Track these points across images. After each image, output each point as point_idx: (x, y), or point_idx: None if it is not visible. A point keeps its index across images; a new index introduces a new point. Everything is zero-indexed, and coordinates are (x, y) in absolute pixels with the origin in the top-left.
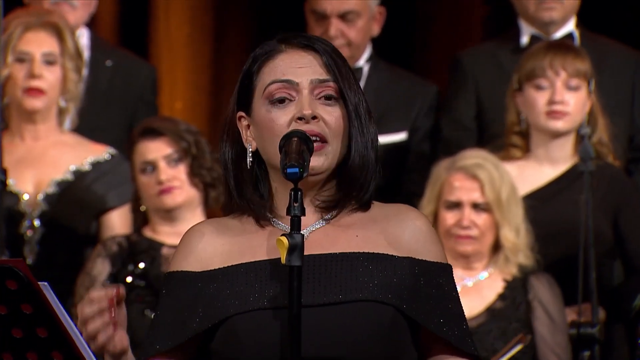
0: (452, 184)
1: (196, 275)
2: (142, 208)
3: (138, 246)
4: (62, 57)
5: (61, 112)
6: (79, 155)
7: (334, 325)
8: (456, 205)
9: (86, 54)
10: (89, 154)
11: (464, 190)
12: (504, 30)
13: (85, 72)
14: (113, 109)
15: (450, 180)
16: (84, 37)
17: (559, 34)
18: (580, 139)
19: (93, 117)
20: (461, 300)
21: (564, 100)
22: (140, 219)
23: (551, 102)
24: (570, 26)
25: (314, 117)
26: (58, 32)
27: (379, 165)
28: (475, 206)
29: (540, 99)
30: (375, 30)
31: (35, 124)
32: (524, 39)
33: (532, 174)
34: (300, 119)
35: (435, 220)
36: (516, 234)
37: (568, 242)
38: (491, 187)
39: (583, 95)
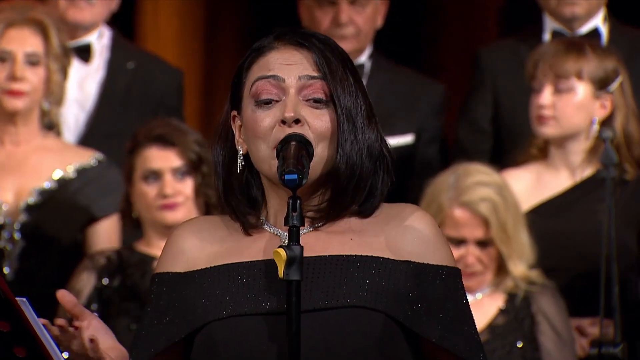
0: (455, 219)
1: (179, 277)
2: (135, 215)
3: (129, 260)
4: (47, 58)
5: (43, 115)
6: (63, 161)
7: (319, 333)
8: (459, 242)
9: (106, 54)
10: (73, 159)
11: (468, 227)
12: (522, 23)
13: (102, 73)
14: (131, 114)
15: (453, 215)
16: (104, 36)
17: (584, 29)
18: (602, 143)
19: (109, 122)
20: None
21: (549, 103)
22: (131, 226)
23: (538, 106)
24: (596, 21)
25: (298, 121)
26: (43, 29)
27: (386, 174)
28: (480, 243)
29: (533, 102)
30: (379, 21)
31: (16, 126)
32: (546, 36)
33: (550, 180)
34: (283, 122)
35: None
36: (526, 263)
37: (585, 256)
38: (497, 222)
39: (578, 98)
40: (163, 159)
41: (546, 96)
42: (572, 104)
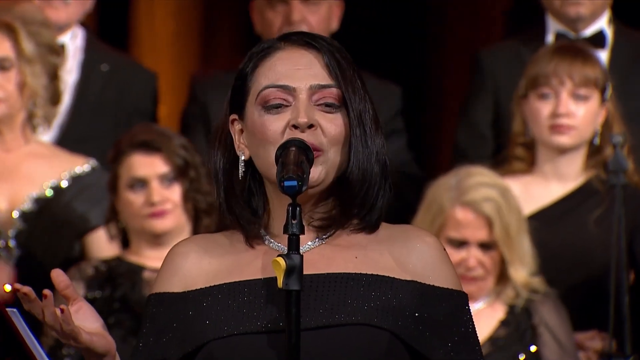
0: (457, 220)
1: (177, 297)
2: (120, 225)
3: (117, 270)
4: (19, 61)
5: (30, 117)
6: (56, 167)
7: (323, 350)
8: (461, 244)
9: (80, 56)
10: (66, 166)
11: (471, 228)
12: (529, 25)
13: (76, 76)
14: (105, 118)
15: (455, 216)
16: (78, 37)
17: (589, 31)
18: (597, 151)
19: (82, 126)
20: None
21: (569, 112)
22: (117, 237)
23: (555, 114)
24: (601, 23)
25: (311, 126)
26: (12, 32)
27: (389, 182)
28: (482, 245)
29: (544, 109)
30: (334, 24)
31: (1, 133)
32: (549, 37)
33: (538, 191)
34: (295, 127)
35: None
36: (528, 270)
37: (578, 267)
38: (500, 223)
39: (593, 106)
40: (148, 165)
41: (567, 104)
42: (590, 113)
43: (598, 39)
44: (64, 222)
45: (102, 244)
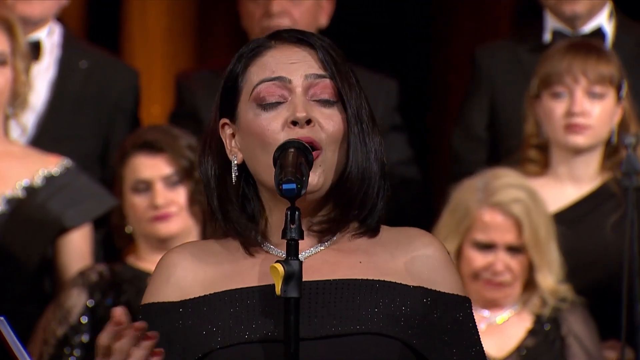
0: (485, 222)
1: (174, 306)
2: (128, 230)
3: (122, 276)
4: (14, 57)
5: (7, 119)
6: (29, 168)
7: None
8: (488, 247)
9: (57, 52)
10: (40, 166)
11: (499, 231)
12: (530, 23)
13: (53, 73)
14: (85, 117)
15: (483, 218)
16: (55, 33)
17: (587, 28)
18: (613, 151)
19: (61, 126)
20: (487, 339)
21: (584, 111)
22: (124, 242)
23: (570, 113)
24: (600, 19)
25: (309, 121)
26: (9, 27)
27: (387, 182)
28: (511, 249)
29: (558, 109)
30: (323, 20)
31: None
32: (547, 35)
33: (552, 194)
34: (293, 123)
35: (459, 257)
36: (555, 277)
37: (595, 273)
38: (530, 226)
39: (609, 104)
40: (152, 167)
41: (582, 103)
42: (606, 111)
43: (597, 36)
44: (38, 224)
45: (73, 247)
